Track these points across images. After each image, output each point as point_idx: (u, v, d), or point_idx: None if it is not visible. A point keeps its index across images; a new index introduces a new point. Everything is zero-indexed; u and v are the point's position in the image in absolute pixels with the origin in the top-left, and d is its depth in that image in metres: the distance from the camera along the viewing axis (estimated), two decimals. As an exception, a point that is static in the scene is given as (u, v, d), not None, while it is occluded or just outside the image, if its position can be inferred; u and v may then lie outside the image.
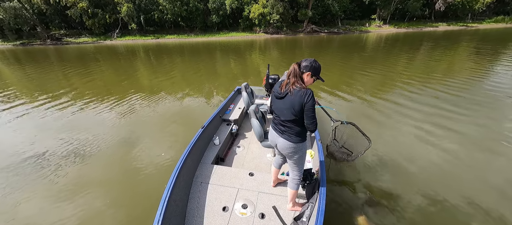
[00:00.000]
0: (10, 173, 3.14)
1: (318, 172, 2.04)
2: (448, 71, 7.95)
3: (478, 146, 3.40)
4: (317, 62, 1.51)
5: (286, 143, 1.64)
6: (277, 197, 2.05)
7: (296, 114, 1.50)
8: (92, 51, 18.77)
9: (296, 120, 1.54)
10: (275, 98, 1.62)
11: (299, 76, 1.48)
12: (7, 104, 6.04)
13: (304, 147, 1.71)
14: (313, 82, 1.56)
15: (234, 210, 1.91)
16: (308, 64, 1.48)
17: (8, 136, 4.28)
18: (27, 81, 8.74)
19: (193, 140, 2.38)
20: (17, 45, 26.45)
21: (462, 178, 2.78)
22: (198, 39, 27.84)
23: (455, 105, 4.87)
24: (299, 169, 1.79)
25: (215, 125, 3.05)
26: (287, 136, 1.63)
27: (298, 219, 1.80)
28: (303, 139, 1.65)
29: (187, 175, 2.13)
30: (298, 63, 1.50)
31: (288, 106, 1.51)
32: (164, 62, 12.22)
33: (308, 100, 1.43)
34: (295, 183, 1.82)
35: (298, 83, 1.48)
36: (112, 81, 8.47)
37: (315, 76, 1.53)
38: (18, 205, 2.57)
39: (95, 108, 5.47)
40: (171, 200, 1.72)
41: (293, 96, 1.48)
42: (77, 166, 3.23)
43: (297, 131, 1.59)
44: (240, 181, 2.20)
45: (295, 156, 1.70)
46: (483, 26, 31.17)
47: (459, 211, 2.32)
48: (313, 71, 1.50)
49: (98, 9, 27.62)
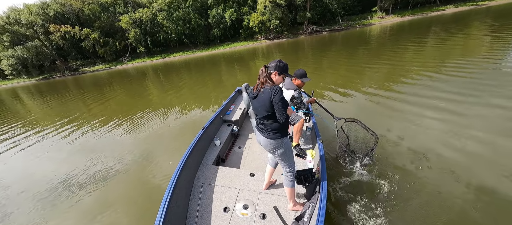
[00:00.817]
0: (39, 197, 3.36)
1: (319, 172, 2.02)
2: (463, 54, 7.50)
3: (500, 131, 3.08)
4: (282, 62, 1.69)
5: (266, 140, 1.75)
6: (278, 197, 2.04)
7: (268, 110, 1.63)
8: (106, 77, 19.99)
9: (269, 116, 1.66)
10: (251, 99, 1.76)
11: (267, 76, 1.64)
12: (31, 131, 6.56)
13: (285, 142, 1.77)
14: (283, 80, 1.72)
15: (235, 210, 1.92)
16: (274, 64, 1.67)
17: (32, 163, 4.62)
18: (49, 110, 9.45)
19: (194, 141, 2.42)
20: (40, 79, 28.76)
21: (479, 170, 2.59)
22: (203, 53, 28.72)
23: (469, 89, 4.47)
24: (288, 165, 1.82)
25: (216, 125, 3.08)
26: (266, 133, 1.74)
27: (299, 219, 1.79)
28: (282, 134, 1.73)
29: (188, 175, 2.18)
30: (265, 66, 1.69)
31: (261, 104, 1.65)
32: (173, 79, 12.72)
33: (275, 94, 1.56)
34: (289, 180, 1.83)
35: (268, 83, 1.63)
36: (125, 102, 8.94)
37: (283, 74, 1.69)
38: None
39: (108, 128, 5.80)
40: (172, 201, 1.76)
41: (263, 95, 1.62)
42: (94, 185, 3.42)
43: (273, 127, 1.70)
44: (241, 182, 2.22)
45: (277, 152, 1.77)
46: (495, 3, 29.46)
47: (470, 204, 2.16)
48: (279, 69, 1.67)
49: (109, 38, 29.67)
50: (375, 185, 2.51)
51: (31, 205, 3.09)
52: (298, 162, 2.54)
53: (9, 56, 27.40)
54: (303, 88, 3.09)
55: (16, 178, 3.95)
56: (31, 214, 2.90)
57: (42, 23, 27.49)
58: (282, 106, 1.57)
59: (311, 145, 2.91)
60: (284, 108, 1.59)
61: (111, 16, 31.10)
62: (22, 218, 2.86)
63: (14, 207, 3.10)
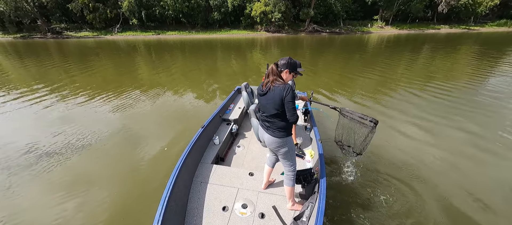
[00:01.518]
0: (11, 168, 3.14)
1: (318, 172, 2.05)
2: (447, 76, 7.93)
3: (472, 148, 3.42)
4: (292, 59, 1.71)
5: (271, 138, 1.75)
6: (277, 197, 2.05)
7: (278, 108, 1.62)
8: (92, 46, 18.69)
9: (278, 114, 1.65)
10: (259, 96, 1.74)
11: (277, 74, 1.64)
12: (7, 97, 6.03)
13: (290, 141, 1.78)
14: (292, 78, 1.76)
15: (234, 209, 1.91)
16: (285, 62, 1.68)
17: (6, 127, 4.27)
18: (26, 74, 8.72)
19: (193, 139, 2.38)
20: (17, 38, 26.31)
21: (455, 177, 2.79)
22: (200, 36, 27.73)
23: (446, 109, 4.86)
24: (291, 164, 1.83)
25: (215, 124, 3.04)
26: (271, 131, 1.73)
27: (298, 219, 1.80)
28: (287, 133, 1.74)
29: (187, 174, 2.13)
30: (276, 63, 1.66)
31: (270, 102, 1.63)
32: (166, 59, 12.17)
33: (287, 94, 1.55)
34: (289, 179, 1.85)
35: (278, 81, 1.62)
36: (112, 76, 8.44)
37: (293, 72, 1.73)
38: (19, 201, 2.58)
39: (95, 103, 5.46)
40: (171, 200, 1.72)
41: (273, 92, 1.60)
42: (75, 161, 3.23)
43: (279, 125, 1.69)
44: (240, 181, 2.20)
45: (281, 150, 1.77)
46: (485, 30, 31.11)
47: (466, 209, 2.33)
48: (291, 67, 1.70)
49: (99, 4, 27.45)
50: (374, 186, 2.62)
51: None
52: (297, 162, 2.55)
53: (-18, 7, 24.70)
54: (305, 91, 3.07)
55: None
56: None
57: (24, -25, 24.89)
58: (293, 106, 1.58)
59: (310, 145, 2.94)
60: (295, 108, 1.60)
61: (104, -20, 28.80)
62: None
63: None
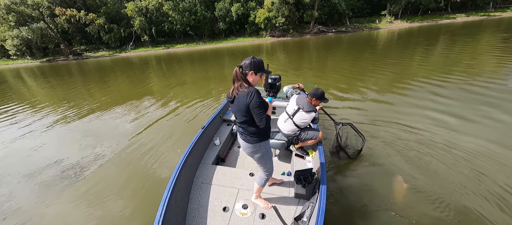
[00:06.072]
0: (38, 180, 3.40)
1: (319, 172, 2.03)
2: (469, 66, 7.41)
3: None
4: (256, 58, 1.53)
5: (244, 144, 1.74)
6: (277, 197, 2.04)
7: (245, 115, 1.56)
8: (109, 64, 19.93)
9: (247, 121, 1.60)
10: (229, 103, 1.67)
11: (242, 78, 1.52)
12: (34, 116, 6.58)
13: (264, 147, 1.74)
14: (260, 78, 1.58)
15: (234, 210, 1.93)
16: (248, 62, 1.51)
17: (34, 144, 4.65)
18: (52, 94, 9.47)
19: (193, 140, 2.42)
20: (44, 62, 28.73)
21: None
22: (207, 46, 28.53)
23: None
24: (266, 169, 1.83)
25: (215, 125, 3.08)
26: (245, 136, 1.71)
27: (299, 219, 1.79)
28: (260, 138, 1.69)
29: (188, 175, 2.18)
30: (239, 66, 1.53)
31: (238, 109, 1.58)
32: (175, 69, 12.67)
33: (251, 100, 1.46)
34: (262, 179, 1.88)
35: (243, 86, 1.51)
36: (127, 89, 8.93)
37: (259, 73, 1.55)
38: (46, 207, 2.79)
39: (111, 115, 5.81)
40: (171, 200, 1.77)
41: (238, 100, 1.53)
42: (91, 171, 3.44)
43: (251, 131, 1.65)
44: (240, 181, 2.22)
45: (255, 155, 1.76)
46: (508, 14, 28.94)
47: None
48: (255, 68, 1.52)
49: (114, 24, 29.46)
50: (374, 186, 2.54)
51: (29, 187, 3.14)
52: (297, 162, 2.55)
53: (14, 37, 27.38)
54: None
55: (16, 159, 3.99)
56: (31, 196, 2.94)
57: (48, 5, 27.31)
58: (260, 111, 1.47)
59: (311, 146, 2.91)
60: (263, 112, 1.49)
61: (117, 3, 30.87)
62: (22, 199, 2.90)
63: (13, 189, 3.14)
